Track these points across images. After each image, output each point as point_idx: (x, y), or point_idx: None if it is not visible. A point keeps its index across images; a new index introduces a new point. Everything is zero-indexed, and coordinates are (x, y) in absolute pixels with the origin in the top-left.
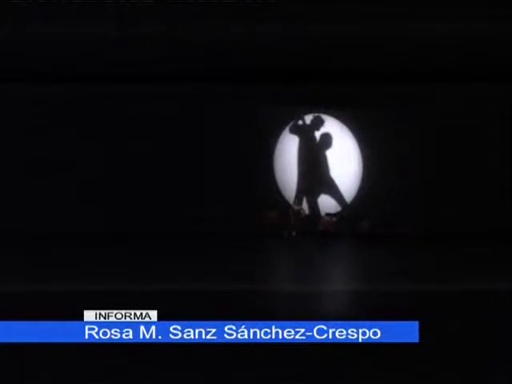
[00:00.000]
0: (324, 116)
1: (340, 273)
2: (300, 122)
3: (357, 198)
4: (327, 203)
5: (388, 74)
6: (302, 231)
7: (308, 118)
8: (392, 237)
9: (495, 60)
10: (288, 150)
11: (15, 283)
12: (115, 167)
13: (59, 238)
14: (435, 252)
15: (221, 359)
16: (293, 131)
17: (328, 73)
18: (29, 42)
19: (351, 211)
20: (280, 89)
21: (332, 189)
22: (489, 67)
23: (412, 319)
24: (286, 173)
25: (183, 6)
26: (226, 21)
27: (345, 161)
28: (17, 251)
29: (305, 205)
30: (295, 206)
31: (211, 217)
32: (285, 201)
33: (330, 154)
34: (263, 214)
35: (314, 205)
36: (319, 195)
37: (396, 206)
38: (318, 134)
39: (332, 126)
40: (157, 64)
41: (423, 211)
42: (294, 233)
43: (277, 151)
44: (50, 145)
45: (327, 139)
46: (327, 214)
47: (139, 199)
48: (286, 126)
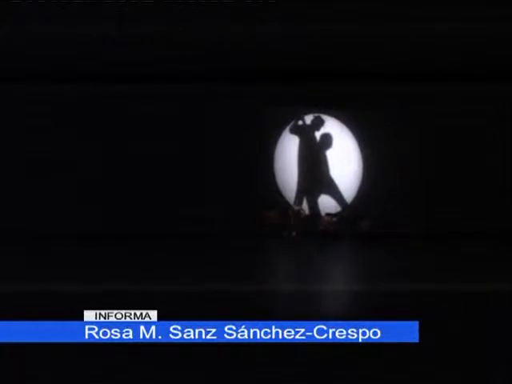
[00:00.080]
0: (324, 116)
1: (340, 273)
2: (300, 122)
3: (357, 198)
4: (327, 203)
5: (388, 74)
6: (302, 231)
7: (308, 118)
8: (392, 237)
9: (495, 60)
10: (288, 150)
11: (15, 283)
12: (115, 167)
13: (59, 238)
14: (435, 252)
15: (221, 359)
16: (293, 131)
17: (328, 73)
18: (29, 42)
19: (351, 211)
20: (280, 89)
21: (332, 189)
22: (489, 67)
23: (412, 319)
24: (286, 173)
25: (183, 6)
26: (226, 21)
27: (345, 161)
28: (17, 251)
29: (305, 205)
30: (295, 206)
31: (211, 217)
32: (285, 201)
33: (330, 154)
34: (263, 214)
35: (314, 205)
36: (319, 195)
37: (396, 206)
38: (318, 134)
39: (332, 126)
40: (157, 64)
41: (423, 211)
42: (294, 233)
43: (277, 151)
44: (50, 145)
45: (327, 139)
46: (327, 214)
47: (139, 199)
48: (287, 126)
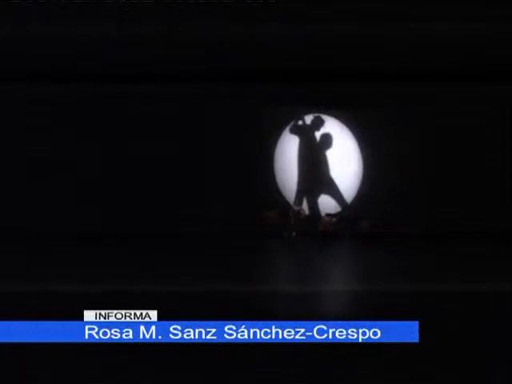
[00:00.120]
0: (324, 116)
1: (340, 273)
2: (300, 122)
3: (357, 198)
4: (327, 203)
5: (388, 74)
6: (302, 231)
7: (308, 118)
8: (392, 237)
9: (495, 60)
10: (288, 150)
11: (15, 283)
12: (115, 167)
13: (59, 238)
14: (435, 252)
15: (221, 359)
16: (293, 131)
17: (328, 73)
18: (29, 42)
19: (351, 211)
20: (280, 89)
21: (332, 189)
22: (489, 67)
23: (412, 319)
24: (286, 173)
25: (183, 6)
26: (226, 21)
27: (345, 161)
28: (17, 251)
29: (305, 205)
30: (295, 207)
31: (211, 217)
32: (285, 201)
33: (330, 154)
34: (263, 214)
35: (314, 205)
36: (319, 195)
37: (396, 206)
38: (318, 134)
39: (332, 126)
40: (157, 64)
41: (423, 211)
42: (294, 233)
43: (277, 151)
44: (50, 145)
45: (327, 139)
46: (327, 215)
47: (139, 199)
48: (287, 126)
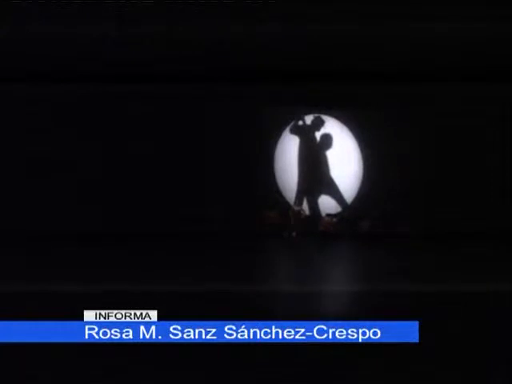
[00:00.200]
0: (324, 116)
1: (340, 273)
2: (300, 123)
3: (357, 199)
4: (327, 204)
5: (388, 74)
6: (303, 232)
7: (308, 119)
8: (392, 237)
9: (495, 60)
10: (288, 151)
11: (15, 283)
12: (115, 167)
13: (59, 238)
14: (435, 252)
15: (221, 359)
16: (293, 131)
17: (328, 73)
18: (29, 42)
19: (351, 211)
20: (280, 89)
21: (332, 189)
22: (489, 67)
23: (412, 319)
24: (287, 173)
25: (183, 6)
26: (226, 21)
27: (345, 161)
28: (17, 251)
29: (305, 205)
30: (295, 207)
31: (211, 217)
32: (285, 201)
33: (331, 155)
34: (263, 214)
35: (315, 205)
36: (319, 196)
37: (396, 206)
38: (319, 135)
39: (332, 127)
40: (157, 64)
41: (423, 211)
42: (294, 233)
43: (277, 151)
44: (50, 145)
45: (327, 139)
46: (327, 215)
47: (139, 199)
48: (287, 127)
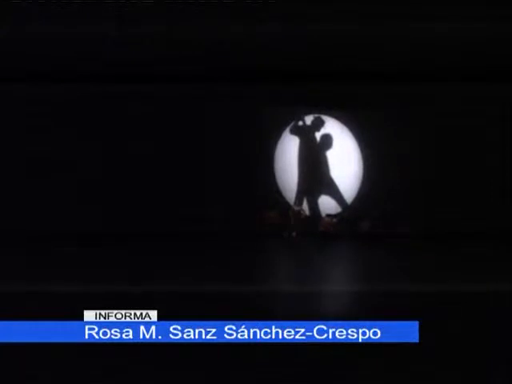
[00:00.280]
0: (324, 117)
1: (340, 273)
2: (300, 123)
3: (357, 199)
4: (327, 204)
5: (388, 74)
6: (303, 232)
7: (308, 119)
8: (392, 237)
9: (495, 60)
10: (288, 151)
11: (15, 283)
12: (115, 167)
13: (59, 238)
14: (435, 252)
15: (221, 359)
16: (293, 132)
17: (328, 73)
18: (29, 42)
19: (351, 212)
20: (280, 89)
21: (332, 189)
22: (489, 67)
23: (412, 319)
24: (287, 173)
25: (183, 6)
26: (226, 21)
27: (345, 161)
28: (17, 251)
29: (305, 205)
30: (295, 207)
31: (211, 217)
32: (285, 201)
33: (331, 155)
34: (263, 215)
35: (315, 205)
36: (319, 196)
37: (396, 206)
38: (319, 135)
39: (332, 127)
40: (157, 64)
41: (423, 211)
42: (294, 233)
43: (277, 152)
44: (50, 145)
45: (327, 140)
46: (327, 215)
47: (139, 199)
48: (287, 127)
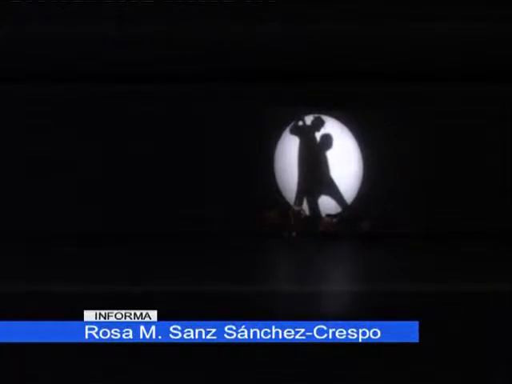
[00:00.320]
0: (324, 117)
1: (340, 273)
2: (300, 123)
3: (357, 199)
4: (327, 204)
5: (388, 74)
6: (302, 232)
7: (308, 119)
8: (392, 237)
9: (495, 60)
10: (288, 151)
11: (15, 283)
12: (115, 167)
13: (59, 238)
14: (435, 252)
15: (221, 359)
16: (293, 132)
17: (328, 73)
18: (29, 42)
19: (351, 212)
20: (280, 89)
21: (332, 189)
22: (489, 67)
23: (412, 319)
24: (287, 173)
25: (183, 6)
26: (226, 21)
27: (345, 161)
28: (17, 251)
29: (305, 205)
30: (295, 207)
31: (211, 217)
32: (285, 201)
33: (331, 155)
34: (263, 215)
35: (315, 205)
36: (319, 196)
37: (396, 206)
38: (319, 135)
39: (332, 127)
40: (157, 64)
41: (423, 211)
42: (294, 233)
43: (277, 152)
44: (50, 145)
45: (327, 140)
46: (327, 215)
47: (139, 199)
48: (287, 127)
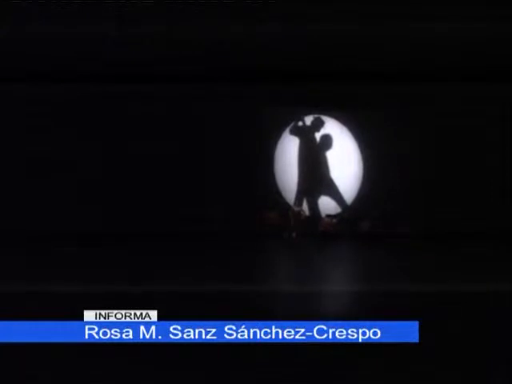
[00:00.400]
0: (324, 117)
1: (340, 273)
2: (300, 123)
3: (357, 199)
4: (327, 204)
5: (388, 74)
6: (302, 232)
7: (308, 119)
8: (392, 237)
9: (495, 60)
10: (288, 151)
11: (15, 283)
12: (115, 167)
13: (59, 238)
14: (435, 252)
15: (221, 359)
16: (293, 132)
17: (328, 73)
18: (29, 42)
19: (351, 212)
20: (280, 89)
21: (332, 190)
22: (489, 67)
23: (412, 319)
24: (287, 174)
25: (183, 6)
26: (226, 21)
27: (345, 162)
28: (17, 251)
29: (305, 206)
30: (295, 207)
31: (211, 217)
32: (285, 202)
33: (330, 155)
34: (263, 215)
35: (315, 206)
36: (319, 196)
37: (396, 206)
38: (318, 135)
39: (332, 127)
40: (157, 64)
41: (423, 211)
42: (294, 234)
43: (277, 152)
44: (50, 145)
45: (327, 140)
46: (327, 216)
47: (139, 199)
48: (287, 127)
